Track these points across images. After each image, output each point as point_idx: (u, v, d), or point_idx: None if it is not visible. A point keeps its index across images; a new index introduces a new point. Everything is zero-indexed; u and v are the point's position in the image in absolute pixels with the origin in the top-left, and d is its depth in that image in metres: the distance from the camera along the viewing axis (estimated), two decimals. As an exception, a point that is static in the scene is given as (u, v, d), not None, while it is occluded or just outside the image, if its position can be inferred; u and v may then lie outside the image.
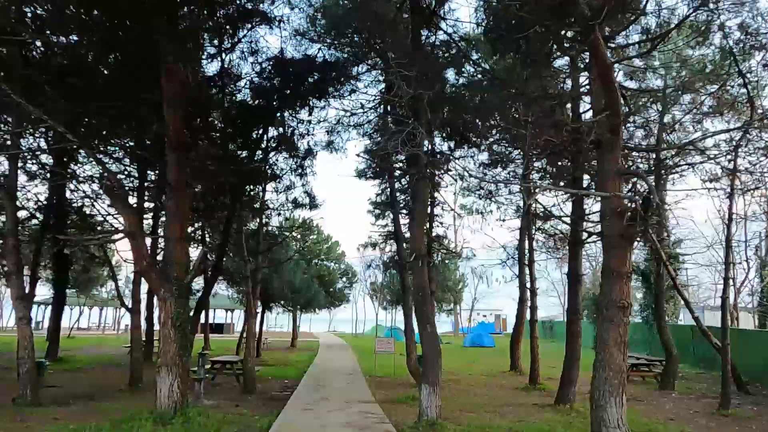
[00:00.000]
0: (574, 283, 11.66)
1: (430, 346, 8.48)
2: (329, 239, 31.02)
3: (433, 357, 8.44)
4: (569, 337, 11.48)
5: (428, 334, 8.49)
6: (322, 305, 28.39)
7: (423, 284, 8.73)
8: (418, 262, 8.72)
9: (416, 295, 8.73)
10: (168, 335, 8.39)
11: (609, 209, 7.64)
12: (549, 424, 9.16)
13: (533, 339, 14.83)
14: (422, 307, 8.61)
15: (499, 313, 53.44)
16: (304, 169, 16.94)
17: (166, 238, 8.55)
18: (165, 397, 8.26)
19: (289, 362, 20.80)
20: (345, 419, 8.44)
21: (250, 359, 12.17)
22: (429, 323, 8.53)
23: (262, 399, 11.49)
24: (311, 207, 16.99)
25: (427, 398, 8.34)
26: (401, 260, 12.21)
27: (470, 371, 18.45)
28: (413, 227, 8.91)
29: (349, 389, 12.47)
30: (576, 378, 11.37)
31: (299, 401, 10.31)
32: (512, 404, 11.59)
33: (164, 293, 8.37)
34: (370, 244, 19.37)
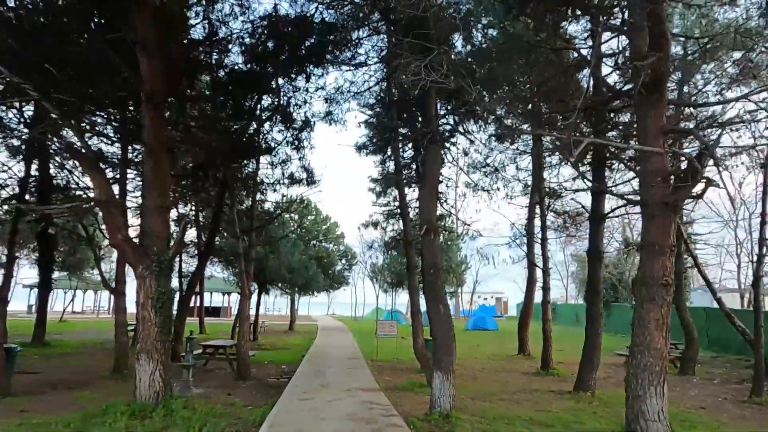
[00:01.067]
0: (595, 261, 10.72)
1: (444, 329, 7.55)
2: (328, 220, 30.02)
3: (446, 342, 7.52)
4: (590, 319, 10.58)
5: (441, 316, 7.55)
6: (321, 287, 27.48)
7: (434, 260, 7.76)
8: (430, 236, 7.74)
9: (427, 273, 7.77)
10: (147, 317, 7.43)
11: (651, 172, 6.64)
12: (574, 414, 8.29)
13: (546, 322, 13.96)
14: (433, 286, 7.66)
15: (500, 296, 52.84)
16: (301, 142, 15.88)
17: (143, 208, 7.54)
18: (145, 387, 7.34)
19: (286, 346, 19.98)
20: (347, 410, 7.53)
21: (244, 343, 11.26)
22: (442, 303, 7.59)
23: (256, 386, 10.61)
24: (309, 183, 15.95)
25: (440, 387, 7.44)
26: (406, 237, 11.24)
27: (476, 355, 17.64)
28: (423, 197, 7.90)
29: (350, 375, 11.59)
30: (598, 363, 10.50)
31: (297, 389, 9.41)
32: (526, 391, 10.75)
33: (142, 270, 7.39)
34: (372, 223, 18.37)
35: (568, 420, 7.85)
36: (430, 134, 7.51)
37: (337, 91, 15.18)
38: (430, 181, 7.82)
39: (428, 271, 7.76)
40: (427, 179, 7.82)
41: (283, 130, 15.48)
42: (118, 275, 12.02)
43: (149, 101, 7.31)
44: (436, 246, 7.81)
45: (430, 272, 7.71)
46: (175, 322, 15.55)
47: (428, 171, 7.88)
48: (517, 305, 54.70)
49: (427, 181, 7.82)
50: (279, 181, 15.79)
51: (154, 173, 7.40)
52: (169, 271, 7.54)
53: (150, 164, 7.42)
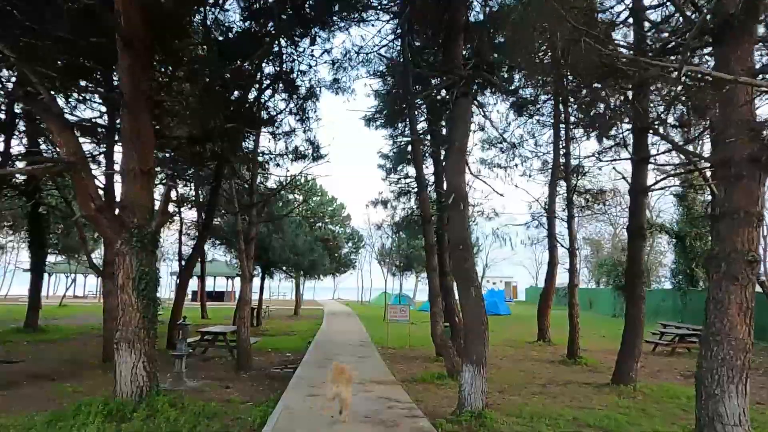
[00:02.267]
0: (637, 239, 9.52)
1: (475, 315, 6.42)
2: (334, 201, 28.93)
3: (478, 329, 6.39)
4: (632, 303, 9.42)
5: (472, 300, 6.42)
6: (327, 271, 26.47)
7: (464, 235, 6.59)
8: (459, 206, 6.57)
9: (455, 250, 6.62)
10: (128, 302, 6.33)
11: (736, 123, 5.40)
12: (622, 413, 7.19)
13: (573, 306, 12.84)
14: (463, 265, 6.50)
15: (510, 281, 51.80)
16: (305, 113, 14.66)
17: (121, 173, 6.39)
18: (126, 383, 6.28)
19: (291, 332, 19.00)
20: (363, 409, 6.45)
21: (244, 330, 10.20)
22: (473, 285, 6.45)
23: (258, 377, 9.58)
24: (315, 158, 14.74)
25: (471, 383, 6.34)
26: (424, 212, 10.05)
27: (492, 342, 16.38)
28: (451, 161, 6.71)
29: (361, 365, 10.54)
30: (640, 353, 9.37)
31: (303, 382, 8.35)
32: (558, 383, 9.67)
33: (121, 246, 6.27)
34: (381, 201, 17.20)
35: (620, 421, 6.74)
36: (462, 82, 6.30)
37: (345, 56, 13.92)
38: (459, 143, 6.62)
39: (456, 248, 6.60)
40: (456, 140, 6.62)
41: (286, 99, 14.29)
42: (107, 256, 10.94)
43: (126, 46, 6.11)
44: (465, 218, 6.64)
45: (458, 249, 6.55)
46: (172, 306, 14.69)
47: (457, 130, 6.67)
48: (527, 289, 53.74)
49: (456, 142, 6.62)
50: (282, 155, 14.63)
51: (132, 130, 6.24)
52: (152, 246, 6.42)
53: (128, 120, 6.26)
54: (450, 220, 6.70)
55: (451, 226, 6.68)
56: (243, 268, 10.29)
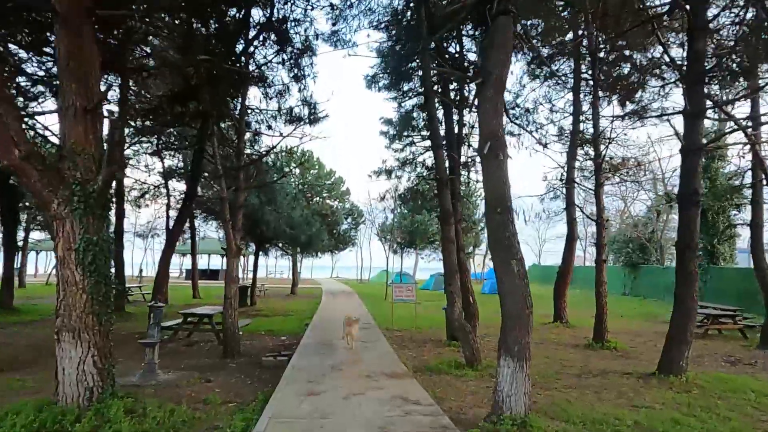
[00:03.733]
0: (689, 206, 8.09)
1: (517, 296, 5.02)
2: (332, 174, 27.35)
3: (520, 314, 5.00)
4: (682, 280, 8.04)
5: (514, 276, 5.01)
6: (325, 247, 25.09)
7: (503, 193, 5.14)
8: (497, 156, 5.10)
9: (492, 214, 5.17)
10: (71, 279, 4.90)
11: None
12: (689, 413, 5.86)
13: (600, 285, 11.47)
14: (502, 232, 5.07)
15: (512, 259, 50.60)
16: (301, 70, 13.06)
17: (58, 112, 4.88)
18: (71, 383, 4.89)
19: (287, 312, 17.68)
20: (375, 416, 5.08)
21: (231, 312, 8.82)
22: (515, 258, 5.03)
23: (247, 366, 8.24)
24: (312, 120, 13.17)
25: (510, 381, 4.98)
26: (439, 174, 8.56)
27: (505, 323, 15.26)
28: (485, 99, 5.21)
29: (366, 351, 9.23)
30: (692, 339, 8.04)
31: (299, 375, 7.00)
32: (594, 373, 8.37)
33: (59, 207, 4.80)
34: (385, 170, 15.66)
35: (693, 426, 5.41)
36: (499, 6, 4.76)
37: (345, 1, 12.23)
38: (498, 73, 5.11)
39: (493, 211, 5.15)
40: (493, 70, 5.11)
41: (278, 52, 12.65)
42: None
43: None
44: (505, 172, 5.17)
45: (496, 213, 5.11)
46: (153, 284, 13.36)
47: (494, 58, 5.15)
48: (529, 267, 52.63)
49: (493, 73, 5.11)
50: (275, 116, 13.05)
51: (70, 53, 4.71)
52: (100, 207, 4.95)
53: (64, 41, 4.73)
54: (485, 175, 5.23)
55: (487, 183, 5.21)
56: (229, 241, 8.84)
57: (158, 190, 20.83)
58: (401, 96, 15.61)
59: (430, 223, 25.17)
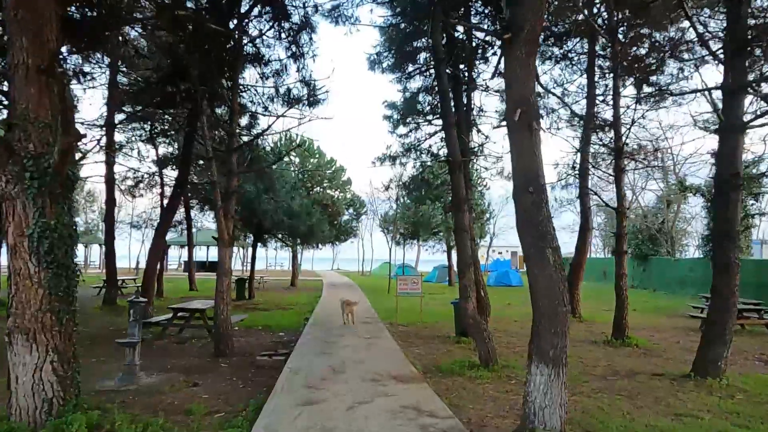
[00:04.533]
0: (728, 190, 7.29)
1: (552, 291, 4.25)
2: (333, 163, 26.49)
3: (556, 312, 4.24)
4: (720, 273, 7.27)
5: (549, 268, 4.24)
6: (326, 239, 24.32)
7: (533, 169, 4.35)
8: (527, 126, 4.30)
9: (521, 194, 4.38)
10: (24, 271, 4.13)
11: None
12: (741, 424, 5.11)
13: (621, 278, 10.68)
14: (535, 216, 4.29)
15: (516, 250, 49.84)
16: (299, 47, 12.22)
17: (7, 72, 4.09)
18: (26, 394, 4.13)
19: (287, 305, 16.97)
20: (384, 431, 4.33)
21: (223, 307, 8.07)
22: (550, 246, 4.25)
23: (240, 367, 7.49)
24: (311, 102, 12.36)
25: (544, 391, 4.21)
26: (452, 155, 7.75)
27: (514, 316, 14.56)
28: (514, 59, 4.39)
29: (371, 349, 8.49)
30: (731, 337, 7.27)
31: (296, 378, 6.25)
32: (622, 374, 7.61)
33: (7, 185, 4.02)
34: (389, 157, 14.84)
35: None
36: None
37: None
38: (530, 28, 4.30)
39: (524, 191, 4.36)
40: (525, 24, 4.29)
41: (275, 28, 11.81)
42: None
43: None
44: (537, 145, 4.37)
45: (527, 193, 4.32)
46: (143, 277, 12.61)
47: (528, 5, 4.33)
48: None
49: (524, 28, 4.29)
50: (271, 97, 12.23)
51: (19, 2, 3.92)
52: (61, 186, 4.17)
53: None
54: (514, 148, 4.43)
55: (517, 158, 4.41)
56: (221, 230, 8.07)
57: (153, 179, 20.03)
58: (406, 78, 14.76)
59: (434, 214, 24.41)
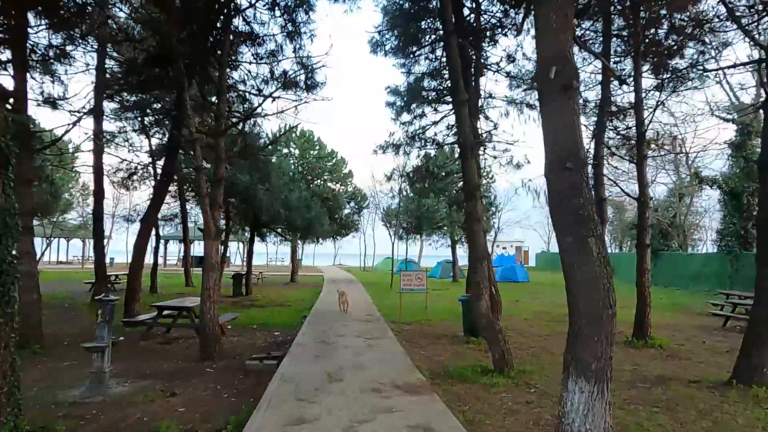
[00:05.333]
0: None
1: (595, 289, 3.45)
2: (333, 155, 25.66)
3: (601, 315, 3.44)
4: (764, 263, 6.45)
5: (591, 261, 3.44)
6: (327, 233, 23.53)
7: (572, 140, 3.55)
8: (566, 85, 3.49)
9: (556, 170, 3.58)
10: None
11: None
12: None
13: (643, 273, 9.88)
14: (574, 197, 3.49)
15: (521, 245, 49.07)
16: (296, 25, 11.42)
17: None
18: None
19: (285, 302, 16.22)
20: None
21: (209, 305, 7.30)
22: (593, 235, 3.45)
23: (226, 373, 6.73)
24: (309, 86, 11.56)
25: (585, 411, 3.43)
26: (463, 136, 6.94)
27: (523, 314, 13.77)
28: (552, 5, 3.57)
29: (372, 352, 7.72)
30: (778, 340, 6.46)
31: (287, 390, 5.47)
32: (651, 380, 6.82)
33: None
34: (392, 145, 14.01)
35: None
36: None
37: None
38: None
39: (560, 167, 3.56)
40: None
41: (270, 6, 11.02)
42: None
43: None
44: (576, 112, 3.56)
45: (564, 171, 3.52)
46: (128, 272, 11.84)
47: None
48: (537, 255, 51.06)
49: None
50: (266, 80, 11.42)
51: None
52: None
53: None
54: (548, 115, 3.62)
55: (551, 128, 3.61)
56: (206, 221, 7.29)
57: (147, 171, 19.24)
58: (411, 62, 13.92)
59: (438, 207, 23.60)
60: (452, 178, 20.68)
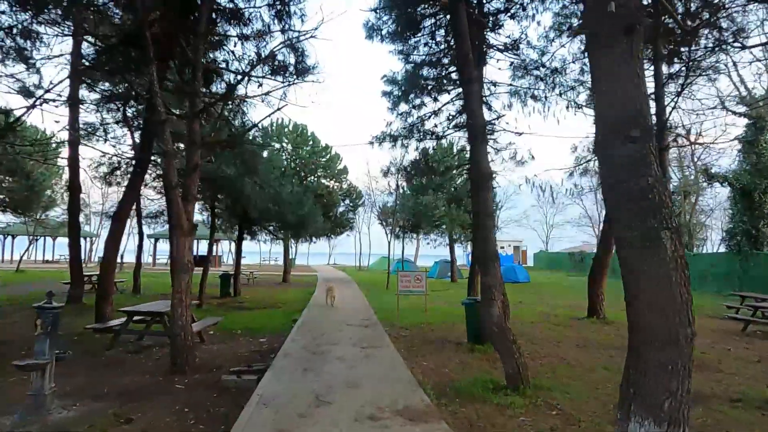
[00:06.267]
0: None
1: (668, 299, 2.53)
2: (328, 150, 24.67)
3: (674, 334, 2.50)
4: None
5: (664, 262, 2.51)
6: (321, 231, 22.57)
7: (634, 101, 2.64)
8: (627, 28, 2.59)
9: (612, 141, 2.67)
10: None
11: None
12: None
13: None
14: (641, 178, 2.57)
15: (519, 245, 48.27)
16: (286, 5, 10.51)
17: None
18: None
19: (275, 303, 15.28)
20: None
21: (181, 310, 6.37)
22: (667, 226, 2.53)
23: (198, 391, 5.79)
24: (299, 71, 10.62)
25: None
26: (472, 119, 6.03)
27: (530, 318, 12.88)
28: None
29: (368, 364, 6.81)
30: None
31: (265, 415, 4.55)
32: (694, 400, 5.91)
33: None
34: (389, 136, 13.09)
35: None
36: None
37: None
38: None
39: (618, 137, 2.65)
40: None
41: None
42: None
43: None
44: (639, 62, 2.66)
45: (626, 142, 2.60)
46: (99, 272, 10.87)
47: None
48: (536, 254, 50.27)
49: None
50: (252, 62, 10.46)
51: None
52: None
53: None
54: (600, 71, 2.73)
55: (606, 83, 2.71)
56: (177, 214, 6.35)
57: (131, 165, 18.20)
58: (409, 47, 13.00)
59: (436, 205, 22.71)
60: (451, 174, 19.84)
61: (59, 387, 5.53)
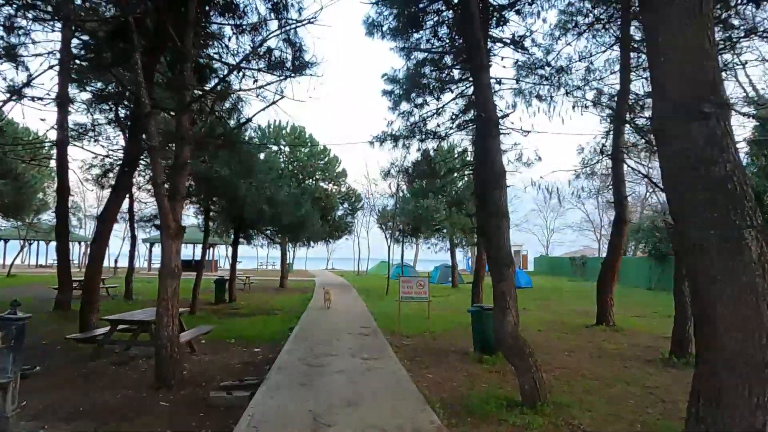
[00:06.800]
0: None
1: (751, 313, 2.00)
2: (326, 152, 24.19)
3: (758, 358, 1.97)
4: None
5: (746, 269, 1.99)
6: (318, 235, 22.03)
7: (707, 70, 2.13)
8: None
9: (676, 120, 2.16)
10: None
11: None
12: None
13: (682, 280, 8.53)
14: (718, 163, 2.05)
15: (518, 249, 47.69)
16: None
17: None
18: None
19: (271, 310, 14.74)
20: None
21: (168, 320, 5.84)
22: (751, 224, 2.02)
23: (182, 410, 5.25)
24: (297, 67, 10.14)
25: None
26: (483, 108, 5.56)
27: (536, 326, 12.34)
28: None
29: (370, 377, 6.29)
30: None
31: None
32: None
33: None
34: (390, 136, 12.60)
35: None
36: None
37: None
38: None
39: (683, 113, 2.14)
40: None
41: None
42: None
43: None
44: (711, 26, 2.17)
45: (695, 119, 2.09)
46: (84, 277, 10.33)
47: None
48: (535, 259, 49.77)
49: None
50: (247, 57, 9.98)
51: None
52: None
53: None
54: (661, 32, 2.23)
55: (669, 50, 2.21)
56: (164, 215, 5.84)
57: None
58: (411, 43, 12.54)
59: (437, 208, 22.22)
60: (452, 177, 19.36)
61: (30, 405, 5.01)
